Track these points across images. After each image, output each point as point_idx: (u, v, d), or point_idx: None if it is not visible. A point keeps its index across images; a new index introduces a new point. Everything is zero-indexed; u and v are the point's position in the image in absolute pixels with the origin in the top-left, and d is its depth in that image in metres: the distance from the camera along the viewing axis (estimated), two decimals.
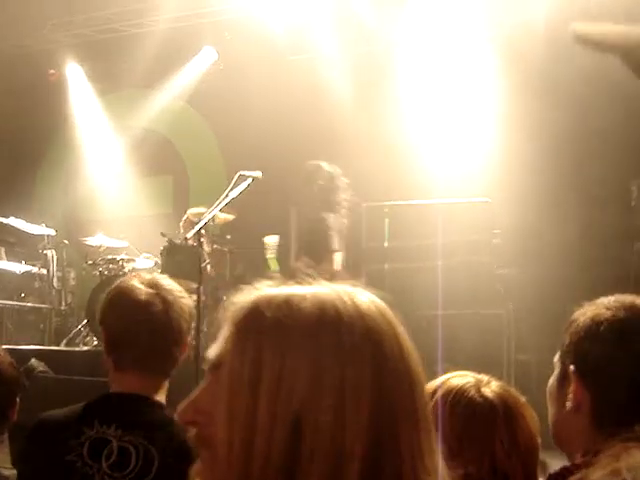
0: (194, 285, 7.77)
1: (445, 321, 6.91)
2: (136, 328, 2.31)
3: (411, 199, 7.35)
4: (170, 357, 2.37)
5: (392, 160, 8.20)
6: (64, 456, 2.24)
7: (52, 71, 10.72)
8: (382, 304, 1.07)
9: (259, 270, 8.82)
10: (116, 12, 9.64)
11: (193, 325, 2.44)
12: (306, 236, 6.98)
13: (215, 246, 8.09)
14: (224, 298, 8.24)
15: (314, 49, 9.15)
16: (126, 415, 2.28)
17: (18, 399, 2.69)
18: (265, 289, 1.07)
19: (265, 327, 1.01)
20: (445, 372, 1.88)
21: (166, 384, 2.39)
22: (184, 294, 2.41)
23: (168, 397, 2.38)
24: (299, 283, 1.07)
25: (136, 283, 2.35)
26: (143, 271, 8.28)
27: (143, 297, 2.32)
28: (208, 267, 7.99)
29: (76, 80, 10.78)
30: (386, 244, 7.23)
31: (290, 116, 9.13)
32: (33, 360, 6.23)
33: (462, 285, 6.91)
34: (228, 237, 8.52)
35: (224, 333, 1.05)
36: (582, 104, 7.11)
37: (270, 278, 1.09)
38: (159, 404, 2.35)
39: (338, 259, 6.79)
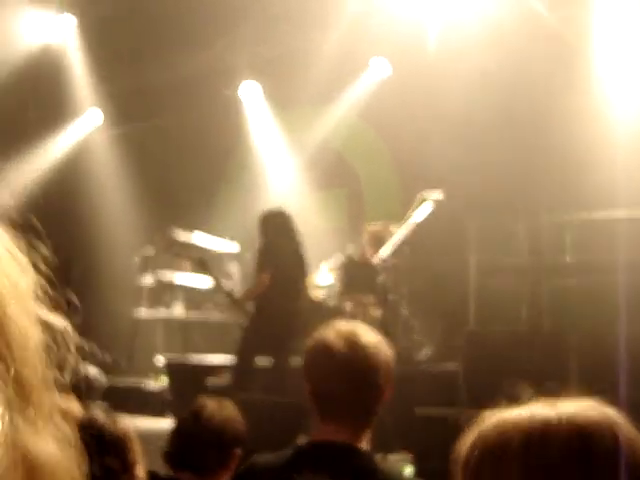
0: (370, 299, 7.87)
1: (631, 341, 6.66)
2: (338, 388, 2.34)
3: (594, 211, 7.13)
4: (372, 412, 2.41)
5: (574, 170, 7.95)
6: None
7: (227, 90, 11.07)
8: (608, 415, 1.04)
9: (437, 285, 8.80)
10: (288, 29, 9.84)
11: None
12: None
13: (394, 261, 8.11)
14: (404, 313, 8.26)
15: (489, 58, 8.99)
16: (336, 464, 2.31)
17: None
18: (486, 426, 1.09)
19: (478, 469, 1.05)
20: None
21: (369, 432, 2.42)
22: (380, 346, 2.40)
23: None
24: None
25: (334, 339, 2.36)
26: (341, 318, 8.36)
27: (342, 356, 2.33)
28: (387, 282, 8.03)
29: (252, 97, 11.10)
30: (568, 258, 7.05)
31: (463, 129, 9.01)
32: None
33: None
34: (406, 252, 8.50)
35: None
36: None
37: None
38: (367, 453, 2.38)
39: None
